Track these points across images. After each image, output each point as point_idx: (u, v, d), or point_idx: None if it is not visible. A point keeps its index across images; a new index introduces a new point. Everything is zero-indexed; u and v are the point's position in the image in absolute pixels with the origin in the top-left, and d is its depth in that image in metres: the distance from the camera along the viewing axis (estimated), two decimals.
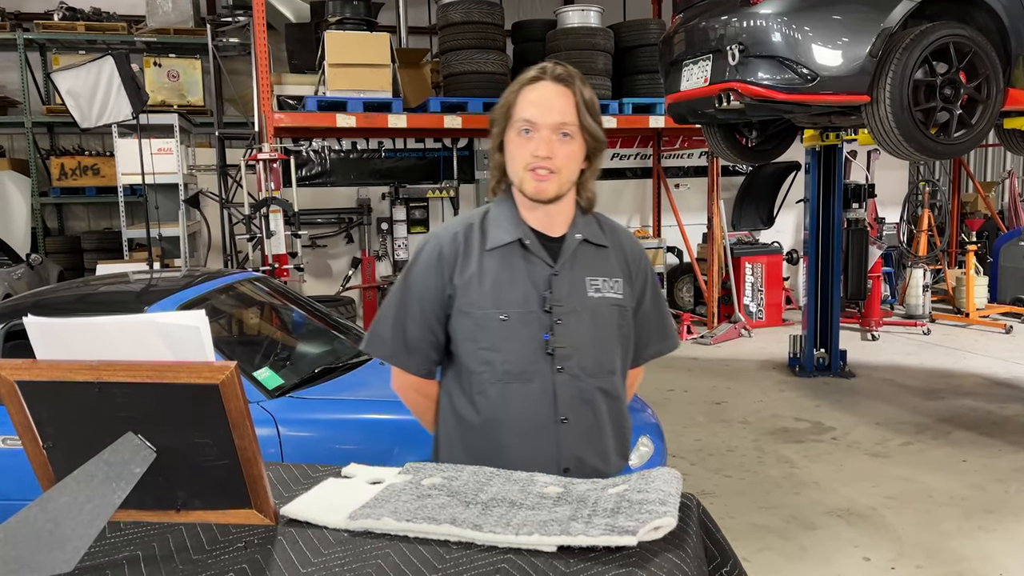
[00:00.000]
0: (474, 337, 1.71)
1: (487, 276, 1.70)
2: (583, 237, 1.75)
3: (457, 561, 1.28)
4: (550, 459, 1.68)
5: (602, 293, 1.73)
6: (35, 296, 3.90)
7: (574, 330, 1.70)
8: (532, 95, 1.67)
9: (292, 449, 2.92)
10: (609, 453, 1.76)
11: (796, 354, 6.90)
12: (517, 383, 1.69)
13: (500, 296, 1.69)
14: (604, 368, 1.74)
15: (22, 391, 1.33)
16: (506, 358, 1.69)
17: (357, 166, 8.74)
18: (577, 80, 1.69)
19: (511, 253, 1.72)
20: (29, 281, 7.45)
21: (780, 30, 4.24)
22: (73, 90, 5.66)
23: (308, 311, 4.21)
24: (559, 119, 1.65)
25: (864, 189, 7.52)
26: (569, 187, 1.71)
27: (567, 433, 1.70)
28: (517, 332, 1.68)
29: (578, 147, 1.68)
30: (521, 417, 1.69)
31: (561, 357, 1.69)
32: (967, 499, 4.17)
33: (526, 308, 1.69)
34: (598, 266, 1.75)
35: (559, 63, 1.73)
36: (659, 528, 1.30)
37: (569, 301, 1.70)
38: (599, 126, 1.71)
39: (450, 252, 1.73)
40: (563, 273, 1.72)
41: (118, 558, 1.34)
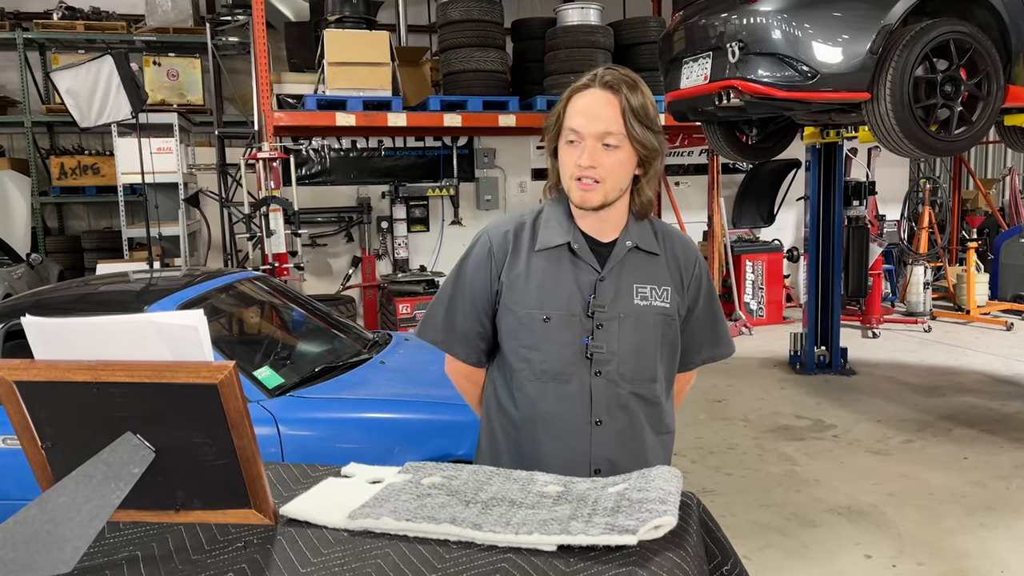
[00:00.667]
0: (516, 334, 1.74)
1: (533, 276, 1.72)
2: (633, 244, 1.74)
3: (457, 560, 1.27)
4: (583, 459, 1.71)
5: (649, 301, 1.73)
6: (35, 296, 3.90)
7: (615, 336, 1.70)
8: (579, 103, 1.66)
9: (292, 448, 2.92)
10: (647, 458, 1.74)
11: (797, 352, 6.90)
12: (554, 383, 1.71)
13: (544, 297, 1.71)
14: (643, 375, 1.74)
15: (20, 391, 1.32)
16: (545, 358, 1.71)
17: (357, 165, 8.74)
18: (625, 86, 1.64)
19: (560, 256, 1.73)
20: (29, 281, 7.45)
21: (780, 27, 4.24)
22: (72, 89, 5.66)
23: (308, 310, 4.21)
24: (603, 128, 1.63)
25: (865, 186, 7.51)
26: (617, 195, 1.69)
27: (600, 435, 1.71)
28: (558, 334, 1.70)
29: (625, 156, 1.66)
30: (556, 416, 1.72)
31: (599, 361, 1.70)
32: (968, 496, 4.16)
33: (569, 311, 1.70)
34: (647, 274, 1.74)
35: (613, 68, 1.69)
36: (659, 527, 1.30)
37: (613, 307, 1.70)
38: (652, 132, 1.66)
39: (500, 249, 1.76)
40: (609, 279, 1.72)
41: (117, 558, 1.34)
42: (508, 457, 1.79)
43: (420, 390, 3.27)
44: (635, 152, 1.66)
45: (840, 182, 6.71)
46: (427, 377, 3.36)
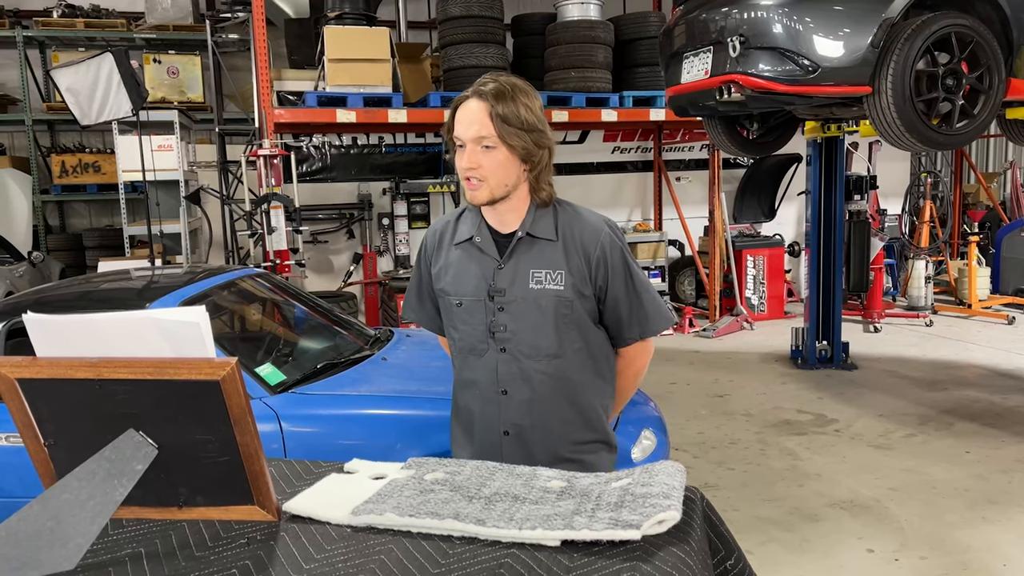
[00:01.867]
0: (444, 316, 2.04)
1: (451, 267, 1.98)
2: (526, 233, 1.91)
3: (460, 556, 1.27)
4: (494, 422, 1.96)
5: (543, 285, 1.90)
6: (37, 294, 3.90)
7: (515, 317, 1.91)
8: (460, 113, 1.86)
9: (295, 445, 2.92)
10: (551, 426, 1.94)
11: (798, 346, 6.90)
12: (472, 356, 1.97)
13: (458, 284, 1.96)
14: (542, 352, 1.91)
15: (23, 388, 1.32)
16: (462, 336, 1.98)
17: (357, 161, 8.73)
18: (491, 96, 1.80)
19: (469, 248, 1.96)
20: (31, 279, 7.45)
21: (781, 21, 4.23)
22: (73, 87, 5.65)
23: (310, 307, 4.21)
24: (476, 133, 1.82)
25: (866, 181, 7.50)
26: (505, 190, 1.87)
27: (507, 403, 1.94)
28: (469, 315, 1.95)
29: (503, 156, 1.82)
30: (473, 384, 1.98)
31: (501, 339, 1.92)
32: (970, 490, 4.16)
33: (476, 296, 1.93)
34: (542, 259, 1.90)
35: (493, 78, 1.86)
36: (663, 522, 1.30)
37: (511, 291, 1.91)
38: (527, 131, 1.81)
39: (431, 245, 2.06)
40: (507, 266, 1.91)
41: (120, 555, 1.34)
42: (454, 418, 2.09)
43: (422, 386, 3.27)
44: (512, 152, 1.83)
45: (841, 176, 6.70)
46: (429, 373, 3.36)
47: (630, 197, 9.69)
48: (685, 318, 8.41)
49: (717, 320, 8.55)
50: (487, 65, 7.51)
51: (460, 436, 2.05)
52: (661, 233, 9.21)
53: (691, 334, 8.22)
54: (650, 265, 8.94)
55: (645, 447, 3.15)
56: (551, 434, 1.94)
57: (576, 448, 1.95)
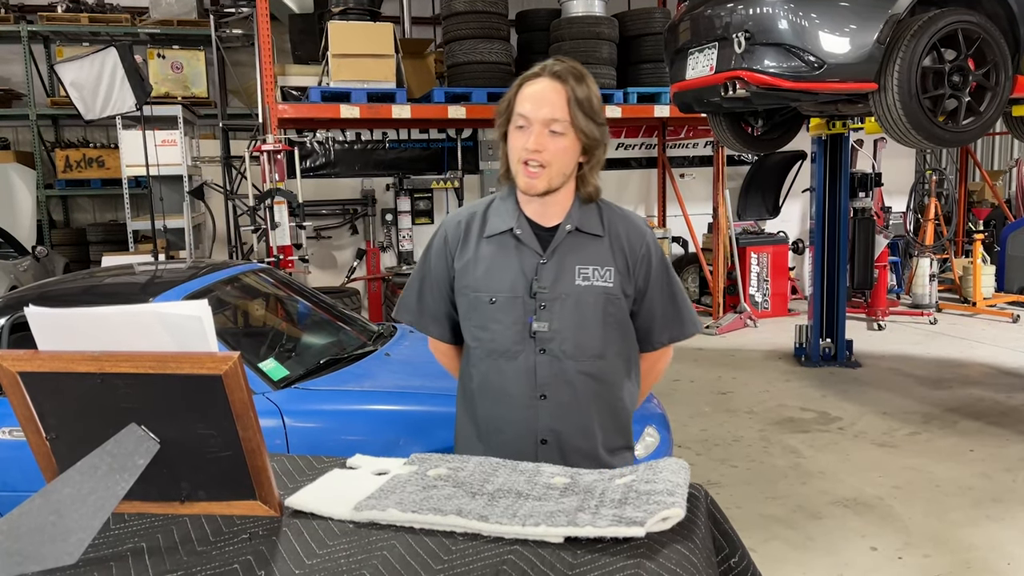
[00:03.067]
0: (468, 316, 1.87)
1: (482, 261, 1.84)
2: (574, 227, 1.82)
3: (463, 552, 1.27)
4: (529, 430, 1.82)
5: (590, 281, 1.81)
6: (41, 288, 3.90)
7: (557, 315, 1.80)
8: (529, 90, 1.74)
9: (298, 440, 2.92)
10: (593, 431, 1.84)
11: (802, 344, 6.88)
12: (503, 359, 1.83)
13: (491, 280, 1.82)
14: (586, 352, 1.82)
15: (24, 382, 1.32)
16: (493, 337, 1.83)
17: (361, 157, 8.72)
18: (572, 77, 1.73)
19: (505, 241, 1.83)
20: (35, 273, 7.46)
21: (786, 17, 4.21)
22: (77, 82, 5.65)
23: (313, 302, 4.21)
24: (549, 115, 1.71)
25: (870, 178, 7.48)
26: (562, 180, 1.78)
27: (545, 408, 1.81)
28: (503, 314, 1.81)
29: (570, 143, 1.74)
30: (504, 390, 1.83)
31: (542, 339, 1.80)
32: (974, 488, 4.15)
33: (513, 293, 1.81)
34: (589, 255, 1.82)
35: (562, 59, 1.77)
36: (667, 519, 1.29)
37: (555, 288, 1.80)
38: (596, 124, 1.75)
39: (453, 237, 1.89)
40: (551, 261, 1.81)
41: (122, 550, 1.33)
42: (468, 427, 1.93)
43: (425, 382, 3.27)
44: (578, 140, 1.75)
45: (846, 173, 6.68)
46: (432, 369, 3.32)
47: (634, 194, 9.68)
48: None
49: (721, 317, 8.54)
50: (491, 61, 7.50)
51: (478, 448, 1.87)
52: (665, 230, 9.21)
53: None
54: None
55: (648, 444, 3.14)
56: (590, 440, 1.84)
57: (610, 454, 1.88)
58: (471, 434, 1.91)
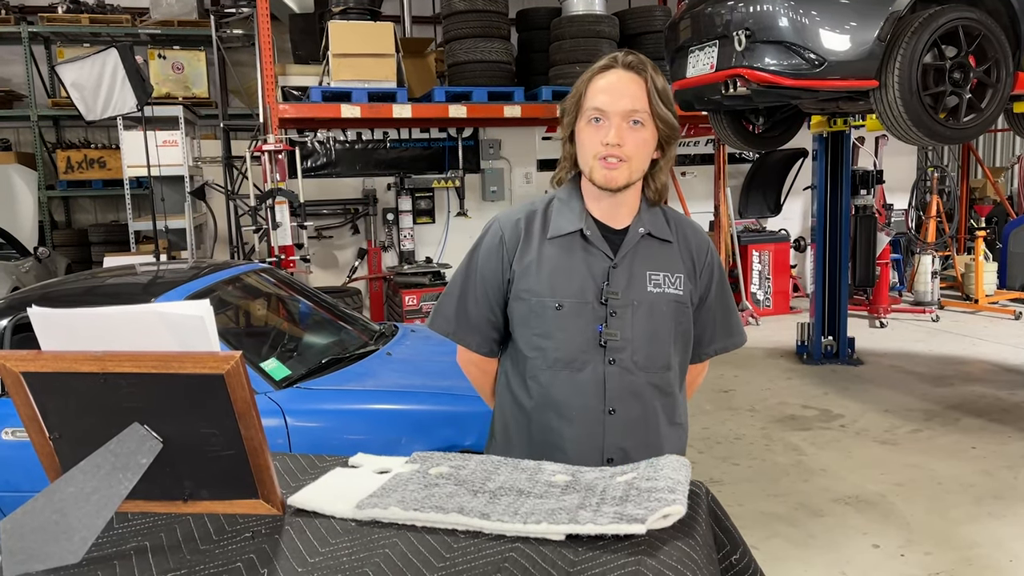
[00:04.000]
0: (528, 323, 1.73)
1: (545, 264, 1.71)
2: (646, 231, 1.73)
3: (465, 550, 1.27)
4: (595, 448, 1.70)
5: (662, 288, 1.72)
6: (43, 289, 3.91)
7: (629, 323, 1.69)
8: (602, 82, 1.65)
9: (300, 439, 2.92)
10: (661, 447, 1.72)
11: (804, 342, 6.88)
12: (567, 371, 1.70)
13: (557, 285, 1.70)
14: (657, 363, 1.72)
15: (27, 382, 1.32)
16: (558, 346, 1.70)
17: (362, 157, 8.73)
18: (649, 67, 1.66)
19: (572, 243, 1.72)
20: (37, 274, 7.47)
21: (787, 15, 4.21)
22: (78, 83, 5.65)
23: (315, 302, 4.21)
24: (630, 106, 1.63)
25: (872, 175, 7.47)
26: (639, 176, 1.69)
27: (614, 424, 1.70)
28: (571, 321, 1.69)
29: (650, 135, 1.66)
30: (569, 404, 1.71)
31: (613, 349, 1.69)
32: (976, 486, 4.15)
33: (582, 299, 1.69)
34: (660, 261, 1.73)
35: (631, 52, 1.70)
36: (668, 516, 1.29)
37: (626, 294, 1.69)
38: (673, 114, 1.67)
39: (511, 237, 1.75)
40: (622, 266, 1.71)
41: (125, 549, 1.34)
42: (520, 446, 1.78)
43: (427, 381, 3.27)
44: (657, 131, 1.66)
45: (847, 171, 6.68)
46: (433, 368, 3.36)
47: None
48: None
49: None
50: (492, 60, 7.50)
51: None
52: None
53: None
54: None
55: None
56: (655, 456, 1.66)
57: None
58: (524, 453, 1.73)
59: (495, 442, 1.87)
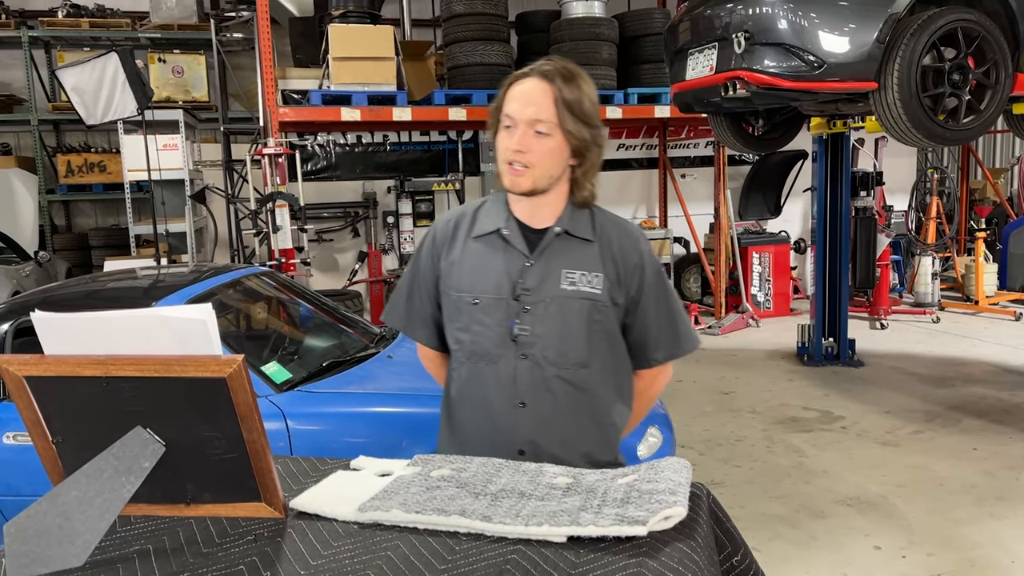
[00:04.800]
0: (451, 318, 1.83)
1: (467, 261, 1.80)
2: (563, 230, 1.77)
3: (467, 552, 1.27)
4: (507, 440, 1.76)
5: (577, 286, 1.75)
6: (44, 293, 3.91)
7: (540, 319, 1.74)
8: (515, 90, 1.71)
9: (301, 442, 2.93)
10: (574, 443, 1.77)
11: (804, 343, 6.89)
12: (483, 363, 1.77)
13: (475, 281, 1.78)
14: (569, 360, 1.75)
15: (31, 386, 1.33)
16: (474, 339, 1.78)
17: (362, 160, 8.74)
18: (560, 77, 1.68)
19: (493, 242, 1.79)
20: (38, 278, 7.48)
21: (786, 17, 4.21)
22: (78, 87, 5.66)
23: (315, 305, 4.22)
24: (534, 115, 1.67)
25: (872, 177, 7.48)
26: (548, 182, 1.73)
27: (525, 417, 1.75)
28: (486, 316, 1.76)
29: (557, 144, 1.69)
30: (484, 396, 1.78)
31: (524, 344, 1.75)
32: (978, 486, 4.15)
33: (497, 295, 1.76)
34: (577, 259, 1.76)
35: (553, 60, 1.73)
36: (669, 518, 1.30)
37: (539, 291, 1.75)
38: (587, 126, 1.69)
39: (442, 237, 1.85)
40: (538, 264, 1.76)
41: (129, 552, 1.34)
42: (448, 436, 1.88)
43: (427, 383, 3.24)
44: (567, 142, 1.70)
45: (847, 172, 6.68)
46: None
47: (635, 194, 9.68)
48: (691, 315, 8.40)
49: (723, 317, 8.54)
50: (491, 63, 7.51)
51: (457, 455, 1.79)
52: (666, 230, 9.20)
53: (697, 331, 8.21)
54: None
55: (651, 444, 3.15)
56: (571, 452, 1.75)
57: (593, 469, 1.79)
58: (450, 441, 1.85)
59: (440, 435, 1.94)
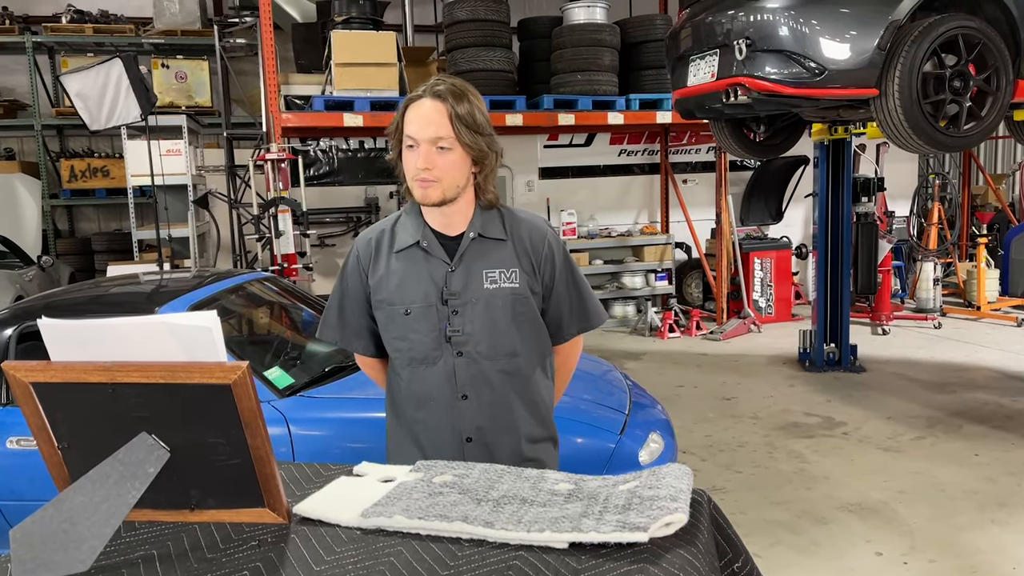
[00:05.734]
0: (386, 328, 1.95)
1: (394, 276, 1.92)
2: (477, 233, 1.90)
3: (469, 558, 1.28)
4: (454, 430, 1.91)
5: (498, 284, 1.89)
6: (47, 298, 3.93)
7: (469, 319, 1.88)
8: (412, 113, 1.82)
9: (303, 448, 2.93)
10: (515, 425, 1.94)
11: (806, 349, 6.89)
12: (423, 366, 1.91)
13: (404, 293, 1.90)
14: (501, 351, 1.90)
15: (37, 392, 1.34)
16: (412, 346, 1.91)
17: (365, 165, 8.75)
18: (451, 96, 1.79)
19: (414, 254, 1.91)
20: (41, 283, 7.50)
21: (787, 24, 4.23)
22: (82, 92, 5.69)
23: (317, 310, 4.22)
24: (434, 133, 1.79)
25: (873, 183, 7.48)
26: (456, 192, 1.85)
27: (467, 408, 1.90)
28: (419, 323, 1.89)
29: (458, 156, 1.82)
30: (427, 394, 1.92)
31: (458, 343, 1.89)
32: (979, 492, 4.15)
33: (426, 302, 1.89)
34: (494, 258, 1.90)
35: (444, 79, 1.84)
36: (670, 524, 1.30)
37: (465, 293, 1.88)
38: (481, 135, 1.82)
39: (365, 255, 1.97)
40: (459, 269, 1.89)
41: (133, 557, 1.35)
42: (397, 433, 2.00)
43: None
44: (467, 153, 1.83)
45: (849, 178, 6.69)
46: None
47: (637, 199, 9.69)
48: (692, 321, 8.40)
49: (724, 323, 8.54)
50: (493, 68, 7.54)
51: (409, 450, 1.95)
52: (668, 236, 9.21)
53: (698, 337, 8.21)
54: (657, 268, 8.94)
55: (652, 450, 3.15)
56: (513, 434, 1.93)
57: (533, 447, 1.97)
58: (404, 438, 1.97)
59: (389, 431, 2.04)
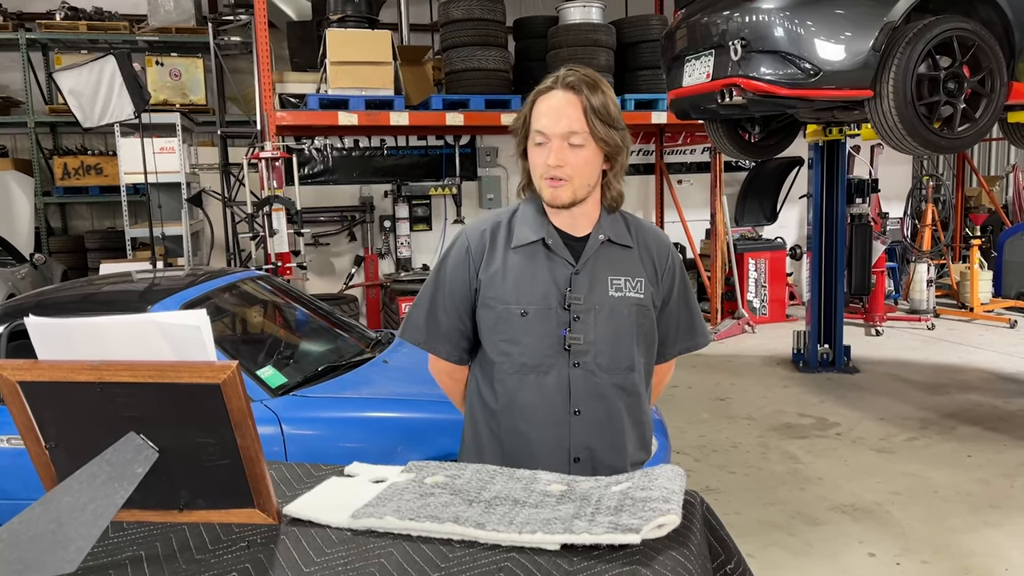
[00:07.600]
0: (495, 329, 1.78)
1: (510, 272, 1.77)
2: (606, 237, 1.79)
3: (460, 560, 1.27)
4: (562, 448, 1.76)
5: (623, 292, 1.77)
6: (39, 296, 3.91)
7: (591, 327, 1.75)
8: (543, 105, 1.71)
9: (296, 447, 2.92)
10: (625, 446, 1.81)
11: (800, 350, 6.89)
12: (533, 375, 1.76)
13: (521, 292, 1.75)
14: (620, 365, 1.78)
15: (24, 391, 1.33)
16: (523, 351, 1.76)
17: (359, 164, 8.74)
18: (586, 87, 1.69)
19: (535, 251, 1.78)
20: (33, 281, 7.47)
21: (782, 25, 4.23)
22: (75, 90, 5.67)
23: (311, 309, 4.21)
24: (567, 128, 1.68)
25: (867, 184, 7.50)
26: (587, 191, 1.75)
27: (579, 424, 1.76)
28: (535, 327, 1.75)
29: (591, 153, 1.71)
30: (535, 407, 1.76)
31: (577, 353, 1.74)
32: (973, 494, 4.16)
33: (545, 305, 1.75)
34: (621, 266, 1.79)
35: (574, 70, 1.73)
36: (663, 526, 1.30)
37: (588, 299, 1.75)
38: (615, 129, 1.71)
39: (477, 248, 1.81)
40: (584, 272, 1.76)
41: (121, 558, 1.34)
42: (491, 449, 1.83)
43: (423, 389, 3.26)
44: (600, 149, 1.72)
45: (843, 180, 6.70)
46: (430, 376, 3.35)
47: (631, 200, 9.70)
48: None
49: (718, 323, 8.55)
50: (489, 68, 7.52)
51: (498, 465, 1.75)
52: None
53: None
54: None
55: None
56: (621, 455, 1.80)
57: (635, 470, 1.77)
58: (494, 453, 1.81)
59: (466, 446, 1.91)
